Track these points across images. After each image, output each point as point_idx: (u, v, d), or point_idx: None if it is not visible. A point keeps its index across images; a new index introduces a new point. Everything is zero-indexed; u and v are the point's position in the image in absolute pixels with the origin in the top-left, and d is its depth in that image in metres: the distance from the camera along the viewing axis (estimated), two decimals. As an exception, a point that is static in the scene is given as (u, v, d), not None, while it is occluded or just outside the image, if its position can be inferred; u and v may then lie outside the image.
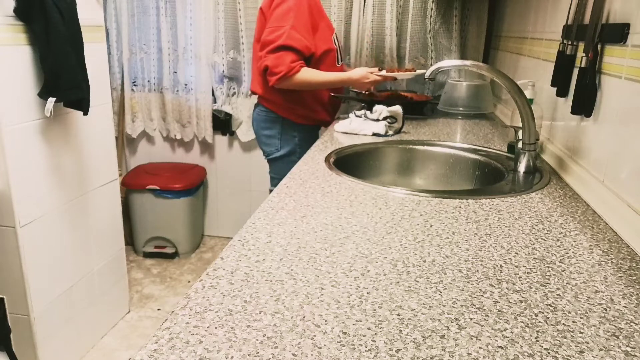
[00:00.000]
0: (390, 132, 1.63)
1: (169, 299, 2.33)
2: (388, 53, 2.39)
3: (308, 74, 1.72)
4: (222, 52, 2.58)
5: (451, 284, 0.68)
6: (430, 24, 2.36)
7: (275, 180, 1.93)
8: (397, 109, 1.66)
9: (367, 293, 0.65)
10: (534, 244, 0.82)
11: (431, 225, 0.89)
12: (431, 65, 1.92)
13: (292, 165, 1.28)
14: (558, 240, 0.84)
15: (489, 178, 1.34)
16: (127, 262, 2.22)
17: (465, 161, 1.44)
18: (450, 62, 1.37)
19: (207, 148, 2.83)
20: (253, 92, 1.92)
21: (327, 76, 1.79)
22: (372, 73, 1.81)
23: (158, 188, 2.55)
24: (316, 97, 1.84)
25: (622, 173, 0.92)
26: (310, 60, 1.77)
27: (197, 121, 2.70)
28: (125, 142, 2.88)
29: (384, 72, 1.83)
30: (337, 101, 2.02)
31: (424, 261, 0.75)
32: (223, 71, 2.62)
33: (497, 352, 0.54)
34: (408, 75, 1.85)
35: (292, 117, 1.84)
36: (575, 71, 1.16)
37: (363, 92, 1.95)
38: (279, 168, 1.86)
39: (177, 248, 2.70)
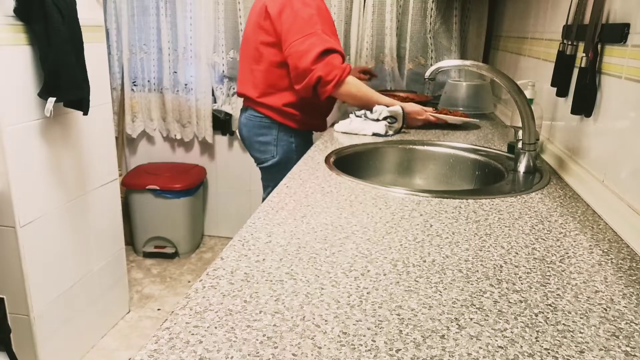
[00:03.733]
0: (390, 132, 1.63)
1: (169, 299, 2.33)
2: (388, 53, 2.40)
3: (357, 86, 1.64)
4: (222, 52, 2.59)
5: (451, 284, 0.68)
6: (430, 24, 2.36)
7: (269, 188, 1.80)
8: (397, 109, 1.65)
9: (367, 293, 0.65)
10: (534, 244, 0.82)
11: (431, 225, 0.89)
12: (431, 65, 1.92)
13: (288, 172, 1.21)
14: (558, 240, 0.84)
15: (489, 178, 1.34)
16: (127, 262, 2.23)
17: (465, 161, 1.44)
18: (450, 62, 1.37)
19: (207, 148, 2.84)
20: (242, 95, 1.79)
21: (379, 98, 1.70)
22: (426, 112, 1.72)
23: (158, 188, 2.55)
24: (313, 101, 1.73)
25: (622, 173, 0.92)
26: None
27: (197, 121, 2.70)
28: (125, 142, 2.88)
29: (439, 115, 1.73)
30: (330, 106, 1.92)
31: (424, 261, 0.75)
32: (223, 71, 2.62)
33: (497, 352, 0.54)
34: (458, 120, 1.74)
35: (289, 122, 1.74)
36: (575, 71, 1.16)
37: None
38: (274, 175, 1.70)
39: (177, 248, 2.69)
